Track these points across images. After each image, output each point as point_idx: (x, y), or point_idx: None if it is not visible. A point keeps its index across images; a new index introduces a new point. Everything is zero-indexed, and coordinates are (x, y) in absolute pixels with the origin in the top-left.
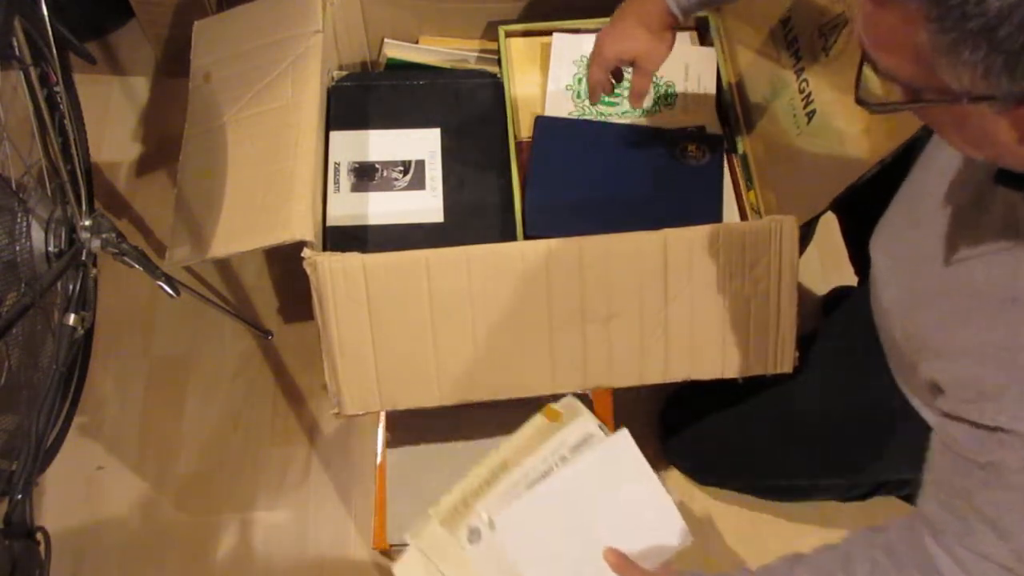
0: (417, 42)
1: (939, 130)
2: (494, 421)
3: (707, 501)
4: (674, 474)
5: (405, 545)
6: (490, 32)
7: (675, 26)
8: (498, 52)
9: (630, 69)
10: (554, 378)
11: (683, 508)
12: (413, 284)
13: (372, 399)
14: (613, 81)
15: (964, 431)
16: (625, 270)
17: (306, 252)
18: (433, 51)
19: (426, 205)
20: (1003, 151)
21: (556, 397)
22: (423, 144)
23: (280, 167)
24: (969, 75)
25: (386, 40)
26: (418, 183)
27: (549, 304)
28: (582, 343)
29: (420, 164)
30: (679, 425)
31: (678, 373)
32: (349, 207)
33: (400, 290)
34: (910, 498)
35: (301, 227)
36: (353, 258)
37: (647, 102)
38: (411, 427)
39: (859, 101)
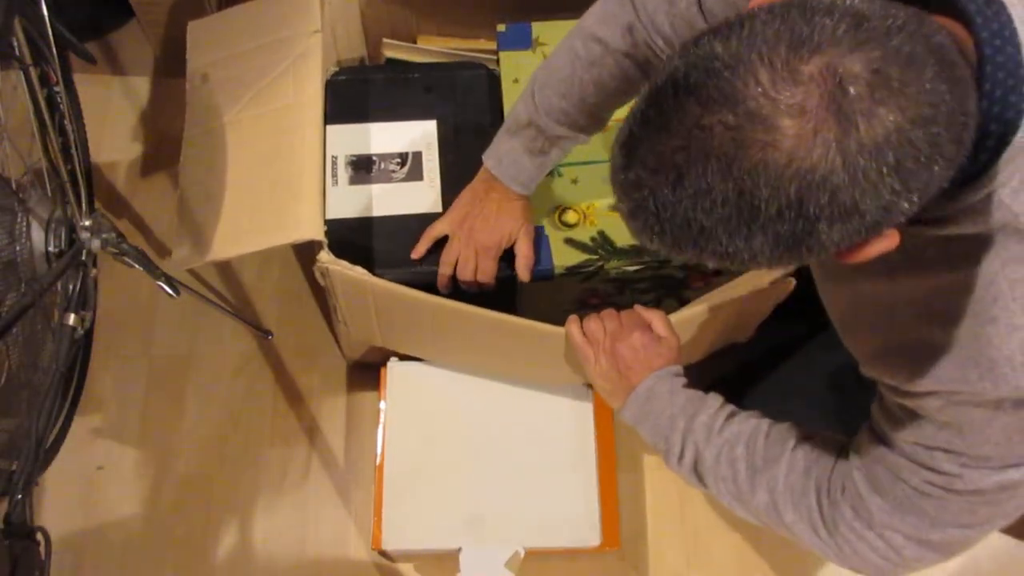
0: (415, 41)
1: None
2: (494, 423)
3: (711, 499)
4: None
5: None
6: (489, 31)
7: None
8: (496, 51)
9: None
10: (552, 374)
11: (686, 504)
12: (418, 310)
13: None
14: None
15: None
16: None
17: (321, 258)
18: (432, 50)
19: (424, 196)
20: None
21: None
22: (420, 136)
23: (285, 168)
24: None
25: (385, 40)
26: (416, 174)
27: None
28: None
29: (417, 156)
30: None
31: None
32: (348, 200)
33: (405, 310)
34: None
35: (311, 227)
36: (361, 280)
37: None
38: (411, 426)
39: None
